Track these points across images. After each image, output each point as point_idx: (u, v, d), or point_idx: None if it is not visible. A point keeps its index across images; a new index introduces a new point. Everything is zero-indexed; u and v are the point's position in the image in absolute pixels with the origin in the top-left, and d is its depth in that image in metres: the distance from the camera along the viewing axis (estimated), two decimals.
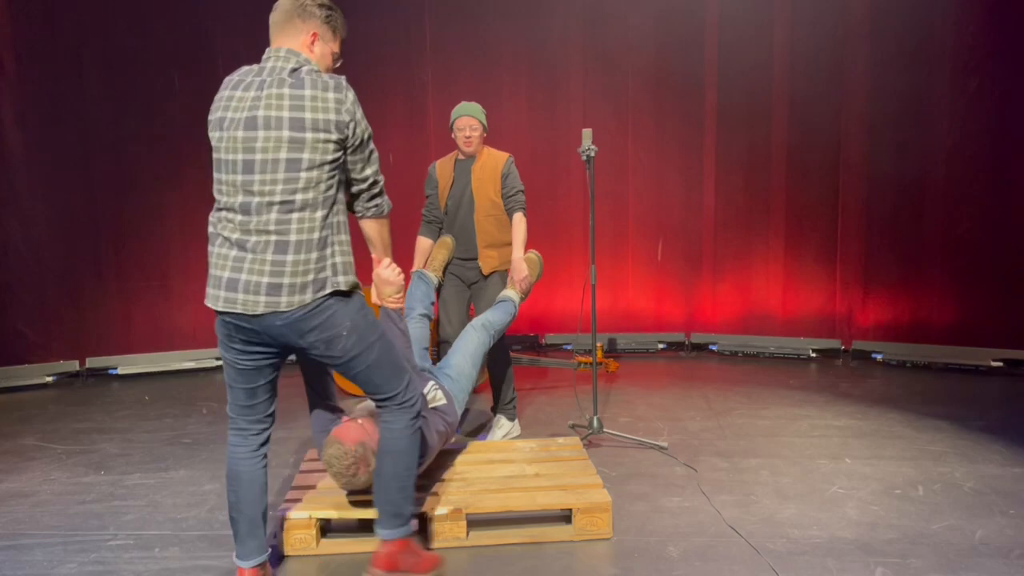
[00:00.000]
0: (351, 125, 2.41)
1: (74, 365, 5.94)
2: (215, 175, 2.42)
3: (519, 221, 4.16)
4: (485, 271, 4.20)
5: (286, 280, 2.35)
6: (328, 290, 2.40)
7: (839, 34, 5.88)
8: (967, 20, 5.50)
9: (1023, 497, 3.36)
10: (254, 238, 2.36)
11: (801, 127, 6.03)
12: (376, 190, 2.58)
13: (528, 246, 4.17)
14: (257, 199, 2.35)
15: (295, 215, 2.35)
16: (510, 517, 3.08)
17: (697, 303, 6.42)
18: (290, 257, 2.35)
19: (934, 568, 2.77)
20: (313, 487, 3.27)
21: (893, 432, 4.25)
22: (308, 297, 2.37)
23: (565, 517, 3.12)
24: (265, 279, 2.35)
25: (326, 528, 3.12)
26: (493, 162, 4.20)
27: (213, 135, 2.42)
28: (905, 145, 5.76)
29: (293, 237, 2.35)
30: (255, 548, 2.65)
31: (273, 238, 2.35)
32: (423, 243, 4.25)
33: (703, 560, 2.86)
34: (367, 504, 3.08)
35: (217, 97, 2.45)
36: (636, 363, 6.05)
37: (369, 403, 3.14)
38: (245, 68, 2.49)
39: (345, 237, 2.47)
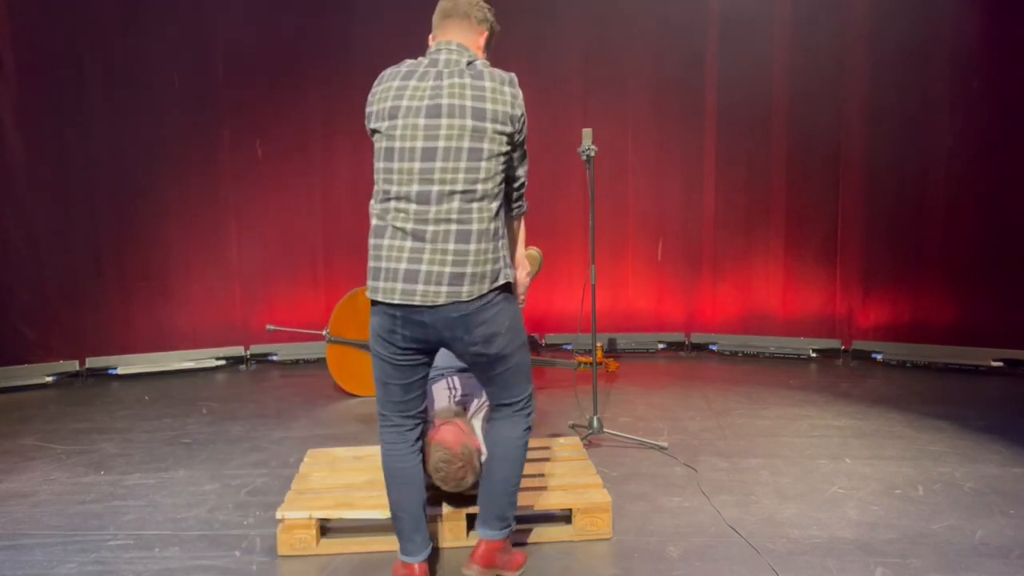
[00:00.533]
0: (522, 120, 2.46)
1: (74, 365, 5.94)
2: (384, 164, 2.39)
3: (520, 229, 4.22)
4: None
5: (468, 269, 2.35)
6: (501, 281, 2.43)
7: (839, 34, 5.87)
8: (968, 19, 5.49)
9: (1023, 497, 3.36)
10: (432, 227, 2.34)
11: (801, 127, 6.03)
12: (523, 190, 2.65)
13: (528, 244, 4.20)
14: (437, 187, 2.33)
15: (475, 204, 2.36)
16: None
17: (697, 303, 6.41)
18: (472, 246, 2.35)
19: (934, 568, 2.77)
20: (313, 487, 3.27)
21: (893, 432, 4.25)
22: (486, 287, 2.38)
23: (565, 517, 3.12)
24: (448, 268, 2.34)
25: (326, 528, 3.12)
26: None
27: (382, 124, 2.39)
28: (905, 145, 5.75)
29: (475, 226, 2.36)
30: (421, 543, 2.64)
31: (455, 227, 2.34)
32: None
33: (703, 560, 2.86)
34: (368, 504, 3.09)
35: (381, 88, 2.43)
36: (636, 363, 6.05)
37: (450, 405, 3.18)
38: (410, 60, 2.48)
39: (506, 231, 2.53)
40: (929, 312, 5.78)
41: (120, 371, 6.00)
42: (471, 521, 3.02)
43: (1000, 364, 5.49)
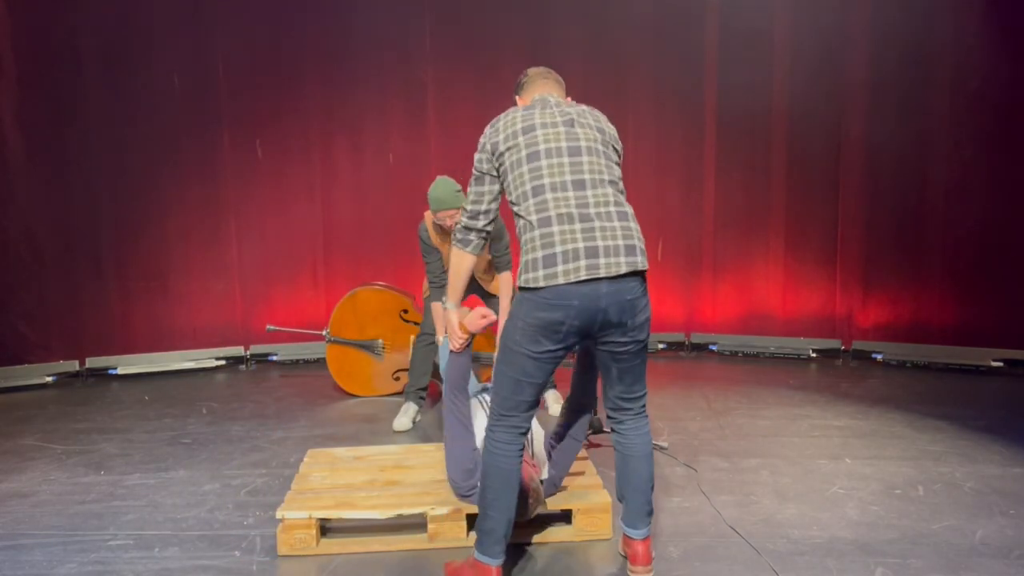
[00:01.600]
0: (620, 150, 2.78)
1: (74, 365, 5.94)
2: (526, 167, 2.55)
3: (507, 280, 4.40)
4: (490, 291, 4.57)
5: (636, 242, 2.51)
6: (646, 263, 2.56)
7: (840, 35, 5.87)
8: (967, 21, 5.50)
9: (1023, 497, 3.36)
10: (593, 209, 2.49)
11: (801, 127, 6.02)
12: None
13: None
14: (588, 176, 2.54)
15: (621, 194, 2.61)
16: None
17: (697, 303, 6.41)
18: (632, 223, 2.55)
19: (934, 568, 2.77)
20: (313, 487, 3.27)
21: (893, 432, 4.25)
22: (646, 262, 2.53)
23: (565, 517, 3.12)
24: (620, 242, 2.48)
25: (326, 528, 3.12)
26: None
27: (518, 139, 2.60)
28: (905, 145, 5.75)
29: (627, 208, 2.58)
30: (506, 547, 2.67)
31: (613, 208, 2.52)
32: (439, 309, 4.25)
33: (703, 560, 2.86)
34: (368, 504, 3.09)
35: (503, 123, 2.67)
36: None
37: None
38: (520, 107, 2.76)
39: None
40: (929, 312, 5.78)
41: (120, 371, 6.00)
42: (471, 521, 3.02)
43: (1000, 364, 5.49)
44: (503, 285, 4.42)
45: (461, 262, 2.78)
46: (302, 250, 6.28)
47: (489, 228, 2.73)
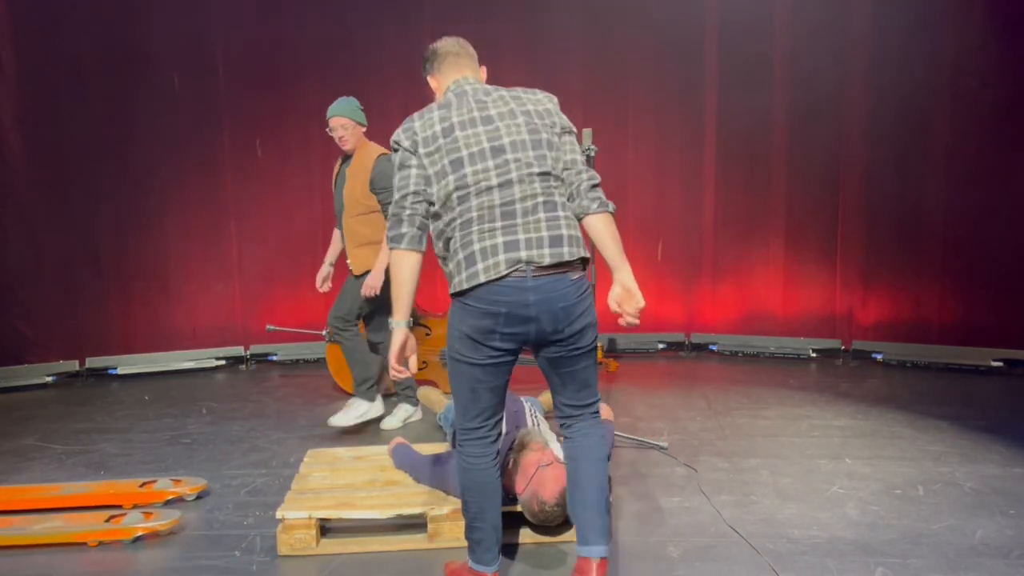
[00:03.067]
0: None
1: (74, 365, 5.94)
2: (451, 177, 2.42)
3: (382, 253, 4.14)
4: (356, 271, 4.31)
5: (564, 232, 2.41)
6: (584, 252, 2.47)
7: (840, 33, 5.87)
8: (968, 21, 5.49)
9: (1023, 497, 3.36)
10: (519, 205, 2.40)
11: (802, 126, 6.02)
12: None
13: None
14: (515, 174, 2.42)
15: (558, 180, 2.49)
16: (510, 517, 3.07)
17: (697, 303, 6.41)
18: (560, 212, 2.44)
19: (934, 568, 2.77)
20: (313, 487, 3.27)
21: (893, 432, 4.25)
22: (583, 251, 2.45)
23: (566, 519, 3.11)
24: (544, 233, 2.39)
25: (326, 528, 3.12)
26: (363, 161, 4.28)
27: (437, 143, 2.46)
28: (906, 144, 5.75)
29: (557, 199, 2.45)
30: (498, 553, 2.62)
31: (540, 200, 2.42)
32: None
33: (703, 560, 2.86)
34: (368, 504, 3.09)
35: (420, 123, 2.51)
36: (636, 363, 6.04)
37: (534, 427, 3.30)
38: (451, 95, 2.59)
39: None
40: (929, 312, 5.78)
41: (120, 371, 6.00)
42: None
43: (1000, 364, 5.49)
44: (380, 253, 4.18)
45: (400, 265, 2.44)
46: (302, 250, 6.28)
47: (423, 216, 2.46)
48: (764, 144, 6.12)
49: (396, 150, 2.51)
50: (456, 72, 2.65)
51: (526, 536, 3.03)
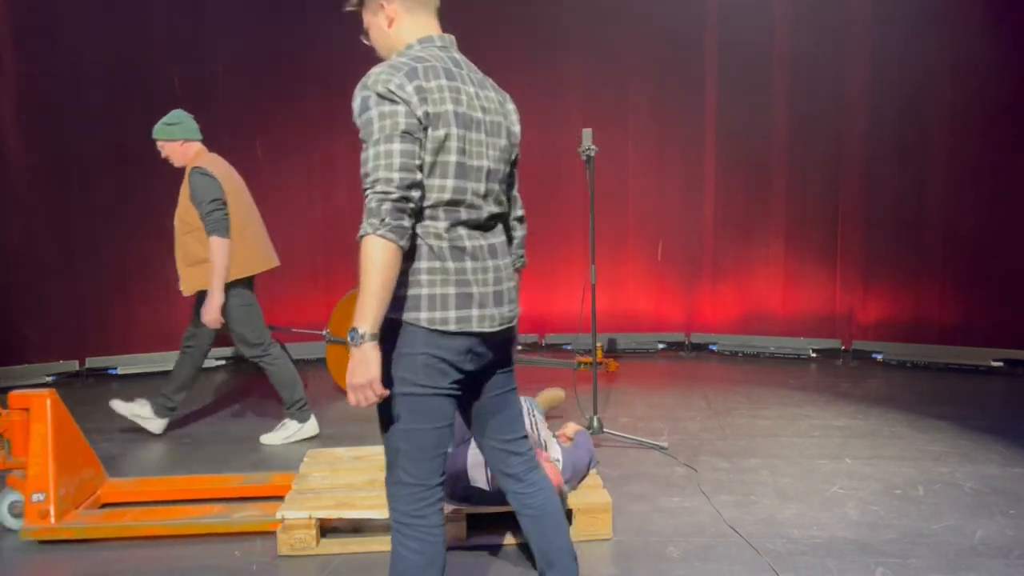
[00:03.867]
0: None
1: (74, 365, 5.94)
2: (450, 183, 1.96)
3: (213, 245, 4.00)
4: (185, 291, 4.20)
5: (514, 281, 2.18)
6: None
7: (840, 34, 5.87)
8: (968, 20, 5.50)
9: (1023, 497, 3.36)
10: (500, 246, 2.12)
11: (801, 127, 6.03)
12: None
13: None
14: (496, 209, 2.10)
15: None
16: (510, 517, 3.08)
17: (697, 303, 6.41)
18: (509, 258, 2.19)
19: (934, 568, 2.77)
20: (313, 487, 3.27)
21: (893, 432, 4.25)
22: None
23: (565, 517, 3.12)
24: (513, 283, 2.15)
25: (326, 528, 3.12)
26: (186, 177, 4.16)
27: (452, 130, 1.94)
28: (906, 144, 5.76)
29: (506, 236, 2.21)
30: None
31: (505, 240, 2.17)
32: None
33: (703, 560, 2.86)
34: (368, 504, 3.09)
35: (434, 85, 1.93)
36: (636, 363, 6.05)
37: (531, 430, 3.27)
38: (433, 51, 2.03)
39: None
40: (929, 312, 5.78)
41: (120, 371, 6.00)
42: (471, 521, 3.02)
43: (1000, 364, 5.49)
44: (212, 257, 4.03)
45: (393, 264, 1.85)
46: (302, 250, 6.28)
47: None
48: (764, 144, 6.12)
49: (394, 101, 1.87)
50: (431, 16, 2.09)
51: (524, 536, 3.02)
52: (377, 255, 1.82)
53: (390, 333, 1.94)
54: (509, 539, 3.02)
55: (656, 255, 6.37)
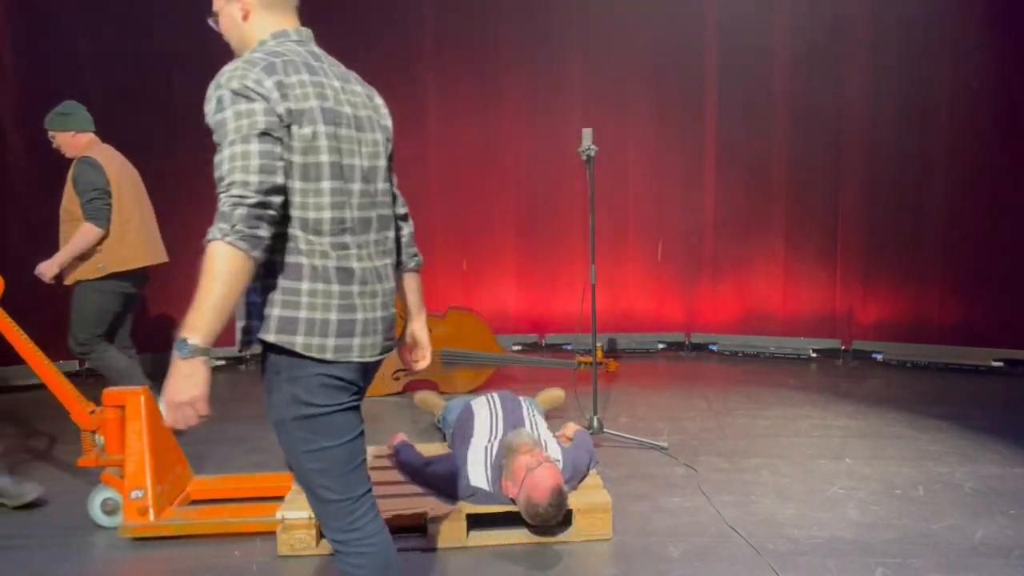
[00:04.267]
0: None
1: (74, 365, 5.93)
2: (327, 184, 1.81)
3: (83, 228, 4.03)
4: (67, 280, 4.20)
5: (395, 308, 2.05)
6: None
7: (840, 34, 5.87)
8: (967, 19, 5.50)
9: (1023, 497, 3.36)
10: (389, 262, 2.00)
11: (801, 127, 6.03)
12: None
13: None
14: (378, 213, 1.95)
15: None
16: (510, 517, 3.08)
17: (697, 303, 6.41)
18: (393, 283, 2.04)
19: (934, 568, 2.77)
20: None
21: (893, 432, 4.25)
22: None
23: (565, 517, 3.11)
24: (394, 309, 2.01)
25: None
26: (72, 167, 4.14)
27: (319, 128, 1.81)
28: (906, 145, 5.76)
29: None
30: None
31: (392, 249, 2.02)
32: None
33: (703, 560, 2.86)
34: None
35: (295, 80, 1.82)
36: (636, 363, 6.05)
37: (530, 429, 3.33)
38: (289, 45, 1.94)
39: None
40: (929, 312, 5.78)
41: None
42: (471, 521, 3.02)
43: (1000, 364, 5.49)
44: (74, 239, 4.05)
45: (245, 273, 1.69)
46: None
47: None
48: (764, 144, 6.12)
49: (251, 98, 1.74)
50: (289, 13, 2.01)
51: (524, 536, 3.03)
52: (222, 264, 1.65)
53: (272, 355, 1.85)
54: (509, 539, 3.02)
55: (656, 255, 6.37)
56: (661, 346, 6.38)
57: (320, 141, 1.80)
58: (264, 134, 1.71)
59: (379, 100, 2.10)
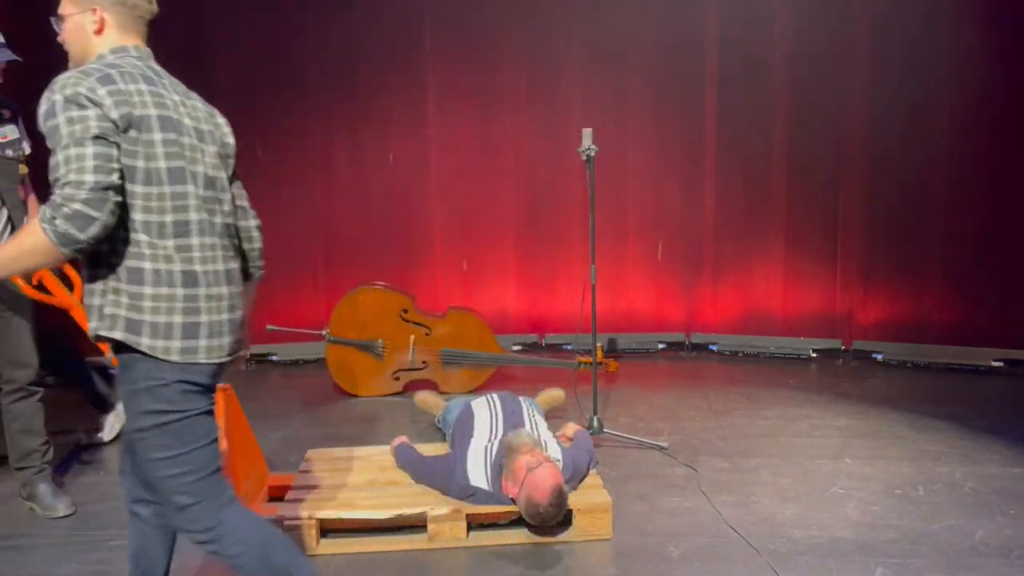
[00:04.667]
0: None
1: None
2: (168, 189, 1.91)
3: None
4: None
5: (244, 310, 2.18)
6: None
7: (840, 33, 5.87)
8: (967, 19, 5.50)
9: (1023, 497, 3.36)
10: (235, 268, 2.14)
11: (801, 126, 6.03)
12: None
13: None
14: (223, 220, 2.08)
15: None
16: (510, 517, 3.08)
17: (697, 303, 6.41)
18: (241, 287, 2.22)
19: (934, 568, 2.77)
20: (313, 487, 3.27)
21: (893, 432, 4.25)
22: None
23: (565, 517, 3.12)
24: (243, 312, 2.15)
25: (326, 528, 3.12)
26: None
27: (154, 135, 1.91)
28: (906, 144, 5.76)
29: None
30: None
31: (233, 254, 2.14)
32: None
33: (703, 560, 2.87)
34: (368, 504, 3.09)
35: (132, 89, 1.91)
36: (636, 363, 6.04)
37: (530, 429, 3.35)
38: (140, 64, 2.04)
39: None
40: (929, 312, 5.78)
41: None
42: (471, 521, 3.02)
43: (1000, 364, 5.49)
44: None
45: (34, 249, 1.78)
46: (302, 250, 6.28)
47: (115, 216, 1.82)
48: (764, 144, 6.12)
49: (83, 106, 1.80)
50: (137, 40, 2.08)
51: (524, 536, 3.03)
52: (28, 239, 1.77)
53: (129, 362, 1.91)
54: (509, 539, 3.02)
55: (656, 255, 6.37)
56: (661, 346, 6.38)
57: (158, 148, 1.89)
58: (98, 137, 1.79)
59: (221, 119, 2.19)
